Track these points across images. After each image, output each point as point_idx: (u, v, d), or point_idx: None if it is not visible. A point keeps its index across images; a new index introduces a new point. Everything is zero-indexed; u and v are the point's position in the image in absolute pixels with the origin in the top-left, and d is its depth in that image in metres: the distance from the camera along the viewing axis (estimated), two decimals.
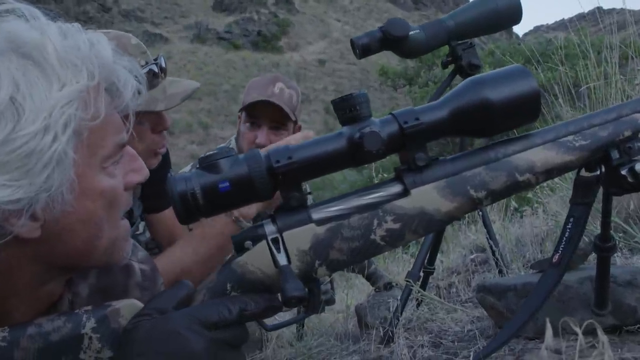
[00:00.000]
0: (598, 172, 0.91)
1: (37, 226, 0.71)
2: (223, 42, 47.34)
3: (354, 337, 2.06)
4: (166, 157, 1.84)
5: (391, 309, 1.90)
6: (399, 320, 1.73)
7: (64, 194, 0.71)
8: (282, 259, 0.74)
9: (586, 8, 3.18)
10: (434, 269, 2.14)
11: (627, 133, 0.86)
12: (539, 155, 0.83)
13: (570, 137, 0.85)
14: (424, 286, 2.05)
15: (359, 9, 63.57)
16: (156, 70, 1.54)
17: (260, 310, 0.74)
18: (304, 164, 0.75)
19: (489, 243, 2.04)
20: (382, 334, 1.73)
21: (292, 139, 1.44)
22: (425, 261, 1.97)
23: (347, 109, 0.77)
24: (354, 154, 0.77)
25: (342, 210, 0.79)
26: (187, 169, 2.18)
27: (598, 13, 3.18)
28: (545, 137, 0.85)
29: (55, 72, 0.71)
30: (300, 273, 0.75)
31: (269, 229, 0.76)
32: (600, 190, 0.94)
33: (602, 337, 0.65)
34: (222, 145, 2.44)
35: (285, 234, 0.75)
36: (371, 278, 3.13)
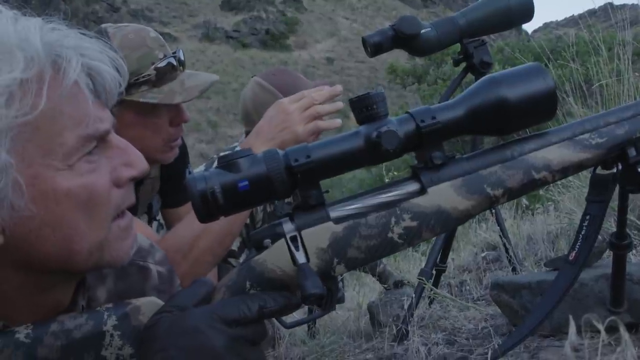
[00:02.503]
0: (614, 170, 0.91)
1: None
2: (231, 41, 47.45)
3: (366, 335, 2.07)
4: (184, 152, 1.84)
5: (404, 306, 1.90)
6: (412, 317, 1.73)
7: (11, 199, 0.66)
8: (300, 257, 0.74)
9: (597, 4, 3.16)
10: (446, 266, 2.14)
11: None
12: (556, 153, 0.83)
13: (586, 135, 0.85)
14: (436, 284, 2.05)
15: (367, 7, 63.46)
16: (174, 63, 1.55)
17: (279, 307, 0.74)
18: (322, 163, 0.76)
19: (502, 240, 2.04)
20: (395, 331, 1.73)
21: (315, 94, 1.43)
22: (438, 259, 1.97)
23: (364, 107, 0.77)
24: (372, 153, 0.77)
25: (360, 209, 0.79)
26: (201, 168, 2.19)
27: (610, 9, 3.16)
28: (562, 135, 0.85)
29: None
30: (319, 271, 0.75)
31: (288, 227, 0.76)
32: (617, 187, 0.94)
33: (624, 333, 0.65)
34: (235, 144, 2.45)
35: (303, 232, 0.76)
36: (381, 277, 3.14)
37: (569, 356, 0.65)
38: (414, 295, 1.81)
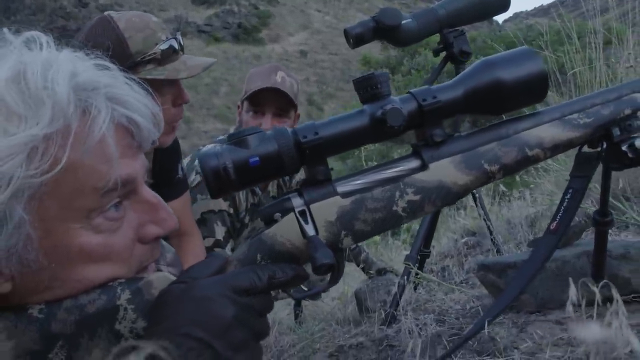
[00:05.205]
0: (599, 149, 0.96)
1: (1, 281, 0.68)
2: (203, 35, 47.05)
3: (354, 321, 2.10)
4: (177, 148, 1.87)
5: (391, 291, 1.94)
6: (399, 301, 1.77)
7: (21, 252, 0.67)
8: (310, 230, 0.76)
9: None
10: (430, 252, 2.19)
11: (627, 111, 0.91)
12: (547, 132, 0.88)
13: (575, 115, 0.90)
14: (421, 269, 2.10)
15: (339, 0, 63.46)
16: (176, 46, 1.61)
17: (288, 278, 0.76)
18: (330, 140, 0.79)
19: (486, 224, 2.09)
20: (384, 315, 1.77)
21: None
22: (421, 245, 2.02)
23: (368, 87, 0.81)
24: (377, 130, 0.80)
25: (366, 184, 0.82)
26: (186, 161, 2.18)
27: None
28: (552, 115, 0.90)
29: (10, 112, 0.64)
30: (327, 243, 0.78)
31: (297, 202, 0.79)
32: (600, 166, 0.99)
33: (616, 295, 0.70)
34: (221, 137, 2.46)
35: (312, 207, 0.78)
36: (364, 265, 3.18)
37: (570, 312, 0.69)
38: (399, 280, 1.84)
